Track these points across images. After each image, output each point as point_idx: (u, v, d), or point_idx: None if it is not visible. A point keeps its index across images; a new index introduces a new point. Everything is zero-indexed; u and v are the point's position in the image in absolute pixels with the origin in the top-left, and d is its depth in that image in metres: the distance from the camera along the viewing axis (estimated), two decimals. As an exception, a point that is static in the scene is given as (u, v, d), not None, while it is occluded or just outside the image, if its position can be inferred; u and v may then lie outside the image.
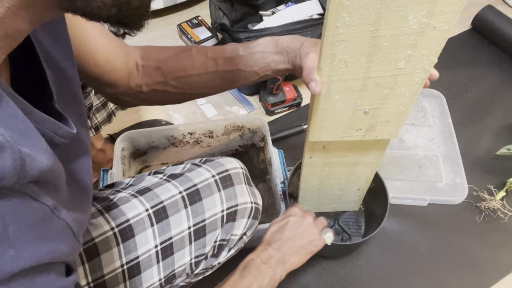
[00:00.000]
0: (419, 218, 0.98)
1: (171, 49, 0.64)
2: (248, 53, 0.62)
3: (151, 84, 0.64)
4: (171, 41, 1.35)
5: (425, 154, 1.07)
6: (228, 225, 0.62)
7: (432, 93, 1.19)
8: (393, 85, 0.53)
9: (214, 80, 0.64)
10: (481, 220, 0.97)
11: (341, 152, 0.70)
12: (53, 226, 0.32)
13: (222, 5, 1.22)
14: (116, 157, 0.88)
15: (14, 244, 0.28)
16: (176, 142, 0.98)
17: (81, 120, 0.45)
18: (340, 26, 0.45)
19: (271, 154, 0.90)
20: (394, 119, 0.60)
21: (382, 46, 0.48)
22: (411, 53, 0.49)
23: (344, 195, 0.85)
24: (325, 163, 0.74)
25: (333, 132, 0.62)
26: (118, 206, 0.58)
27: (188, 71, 0.63)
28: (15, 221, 0.28)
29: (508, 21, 1.27)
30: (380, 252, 0.93)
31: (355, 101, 0.56)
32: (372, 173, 0.78)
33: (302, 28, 1.11)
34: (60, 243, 0.32)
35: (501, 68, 1.27)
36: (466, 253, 0.93)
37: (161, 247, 0.58)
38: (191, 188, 0.61)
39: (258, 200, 0.66)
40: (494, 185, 1.01)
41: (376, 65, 0.50)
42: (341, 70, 0.51)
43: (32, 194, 0.29)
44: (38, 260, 0.29)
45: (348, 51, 0.48)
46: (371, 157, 0.72)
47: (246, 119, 0.95)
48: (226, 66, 0.63)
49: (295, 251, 0.66)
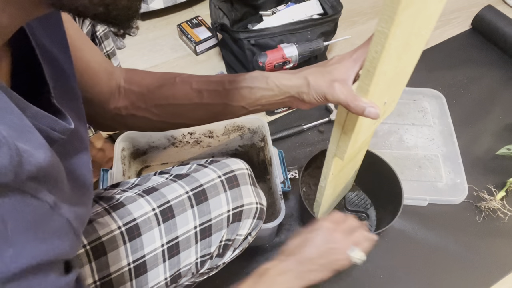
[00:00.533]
0: (419, 218, 0.98)
1: (155, 75, 0.62)
2: (234, 87, 0.59)
3: (131, 108, 0.61)
4: (171, 41, 1.35)
5: (425, 154, 1.07)
6: (233, 225, 0.62)
7: (432, 93, 1.19)
8: (405, 68, 0.54)
9: (198, 112, 0.62)
10: (481, 220, 0.97)
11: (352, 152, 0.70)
12: (53, 223, 0.32)
13: (222, 5, 1.22)
14: (116, 157, 0.88)
15: (14, 243, 0.27)
16: (176, 142, 0.98)
17: (79, 115, 0.45)
18: (392, 43, 0.43)
19: (271, 154, 0.90)
20: (397, 95, 0.60)
21: (411, 41, 0.47)
22: (424, 33, 0.50)
23: (346, 184, 0.86)
24: (339, 170, 0.74)
25: (361, 137, 0.61)
26: (125, 205, 0.58)
27: (170, 100, 0.60)
28: (14, 219, 0.27)
29: (508, 21, 1.27)
30: (380, 252, 0.93)
31: (381, 100, 0.55)
32: (365, 151, 0.80)
33: (302, 28, 1.11)
34: (60, 240, 0.32)
35: (501, 68, 1.27)
36: (466, 253, 0.93)
37: (168, 246, 0.59)
38: (198, 188, 0.61)
39: (263, 201, 0.67)
40: (494, 185, 1.01)
41: (402, 60, 0.50)
42: (381, 81, 0.49)
43: (31, 191, 0.29)
44: (38, 259, 0.29)
45: (390, 60, 0.47)
46: (367, 139, 0.72)
47: (246, 119, 0.95)
48: (211, 99, 0.60)
49: (316, 268, 0.61)
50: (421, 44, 0.53)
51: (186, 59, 1.31)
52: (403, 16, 0.40)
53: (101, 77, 0.58)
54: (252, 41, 1.10)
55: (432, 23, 0.51)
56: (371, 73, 0.46)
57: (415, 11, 0.42)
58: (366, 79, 0.47)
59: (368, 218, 0.95)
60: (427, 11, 0.45)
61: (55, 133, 0.33)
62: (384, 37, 0.41)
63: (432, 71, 1.26)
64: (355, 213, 0.95)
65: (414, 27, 0.45)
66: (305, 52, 1.06)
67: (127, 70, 0.63)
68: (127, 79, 0.61)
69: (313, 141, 1.10)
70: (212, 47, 1.32)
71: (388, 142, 1.09)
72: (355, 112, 0.51)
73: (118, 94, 0.61)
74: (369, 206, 0.96)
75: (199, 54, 1.31)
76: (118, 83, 0.61)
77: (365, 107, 0.49)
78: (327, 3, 1.20)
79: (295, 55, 1.06)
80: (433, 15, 0.49)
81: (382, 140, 1.09)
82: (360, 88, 0.49)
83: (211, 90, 0.60)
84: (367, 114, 0.50)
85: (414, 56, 0.54)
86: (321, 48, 1.09)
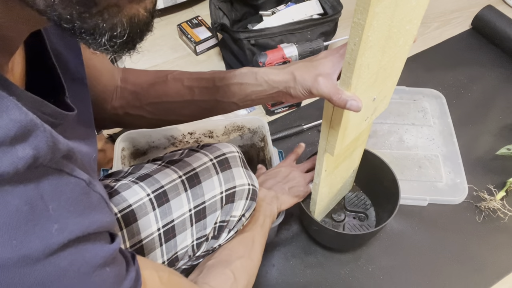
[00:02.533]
0: (419, 218, 0.98)
1: (149, 74, 0.64)
2: (225, 84, 0.60)
3: (126, 107, 0.64)
4: (171, 41, 1.35)
5: (425, 154, 1.07)
6: (227, 207, 0.63)
7: (432, 93, 1.19)
8: (393, 63, 0.54)
9: (190, 109, 0.64)
10: (481, 220, 0.97)
11: (345, 150, 0.70)
12: (90, 199, 0.33)
13: (222, 5, 1.22)
14: (116, 157, 0.88)
15: (57, 219, 0.29)
16: (176, 142, 0.98)
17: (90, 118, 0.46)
18: (370, 35, 0.44)
19: (271, 154, 0.91)
20: (389, 91, 0.61)
21: (393, 33, 0.48)
22: (408, 27, 0.50)
23: (344, 183, 0.86)
24: (334, 167, 0.74)
25: (351, 135, 0.61)
26: (120, 193, 0.59)
27: (163, 98, 0.62)
28: (54, 198, 0.29)
29: (508, 21, 1.27)
30: (380, 252, 0.93)
31: (368, 96, 0.55)
32: (363, 150, 0.80)
33: (302, 28, 1.11)
34: (100, 214, 0.34)
35: (501, 68, 1.27)
36: (466, 253, 0.93)
37: (164, 230, 0.59)
38: (190, 172, 0.62)
39: (255, 182, 0.67)
40: (494, 185, 1.01)
41: (386, 53, 0.50)
42: (364, 74, 0.50)
43: (68, 170, 0.31)
44: (83, 231, 0.31)
45: (371, 53, 0.47)
46: (363, 137, 0.72)
47: (246, 119, 0.95)
48: (202, 96, 0.62)
49: (285, 192, 0.79)
50: (408, 39, 0.53)
51: (186, 59, 1.31)
52: (378, 8, 0.41)
53: (104, 78, 0.60)
54: (252, 41, 1.10)
55: (417, 18, 0.51)
56: (351, 66, 0.46)
57: (392, 2, 0.43)
58: (347, 71, 0.48)
59: (367, 219, 0.95)
60: (407, 4, 0.46)
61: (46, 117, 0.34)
62: (361, 28, 0.42)
63: (432, 71, 1.26)
64: (354, 213, 0.95)
65: (393, 19, 0.45)
66: (305, 52, 1.06)
67: (123, 69, 0.64)
68: (123, 78, 0.63)
69: (313, 141, 1.10)
70: (212, 47, 1.32)
71: (388, 142, 1.09)
72: (338, 105, 0.51)
73: (115, 94, 0.63)
74: (369, 207, 0.96)
75: (199, 54, 1.31)
76: (116, 83, 0.63)
77: (347, 100, 0.50)
78: (327, 3, 1.20)
79: (295, 55, 1.06)
80: (417, 9, 0.49)
81: (382, 140, 1.09)
82: (343, 81, 0.50)
83: (202, 87, 0.61)
84: (349, 107, 0.50)
85: (402, 50, 0.54)
86: (321, 48, 1.09)
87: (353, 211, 0.95)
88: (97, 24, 0.28)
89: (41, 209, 0.28)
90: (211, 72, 0.62)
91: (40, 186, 0.28)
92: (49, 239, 0.28)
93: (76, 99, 0.43)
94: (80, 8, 0.27)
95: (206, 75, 0.62)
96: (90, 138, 0.45)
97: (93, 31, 0.28)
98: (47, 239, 0.28)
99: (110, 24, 0.28)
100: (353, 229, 0.93)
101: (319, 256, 0.92)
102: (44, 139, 0.28)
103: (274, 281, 0.89)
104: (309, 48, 1.07)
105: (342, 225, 0.94)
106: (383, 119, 1.13)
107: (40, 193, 0.28)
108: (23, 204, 0.27)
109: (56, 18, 0.27)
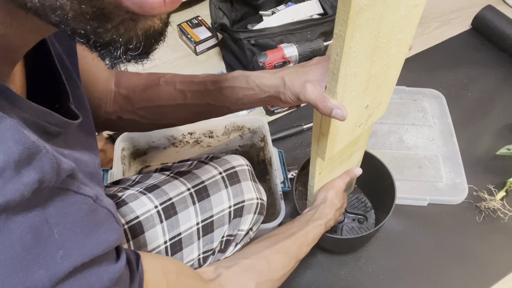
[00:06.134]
0: (419, 218, 0.98)
1: (141, 77, 0.63)
2: (217, 87, 0.60)
3: (119, 112, 0.63)
4: (171, 41, 1.35)
5: (425, 154, 1.07)
6: (235, 221, 0.63)
7: (432, 93, 1.19)
8: (386, 71, 0.54)
9: (183, 112, 0.63)
10: (481, 220, 0.97)
11: (341, 154, 0.70)
12: (98, 216, 0.32)
13: (222, 5, 1.22)
14: (116, 157, 0.88)
15: (62, 244, 0.28)
16: (176, 142, 0.98)
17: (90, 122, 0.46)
18: (353, 46, 0.44)
19: (271, 154, 0.91)
20: (384, 99, 0.60)
21: (381, 43, 0.48)
22: (400, 37, 0.50)
23: None
24: (329, 170, 0.74)
25: (343, 140, 0.61)
26: (127, 203, 0.59)
27: (156, 102, 0.61)
28: (60, 221, 0.28)
29: (508, 21, 1.27)
30: (380, 252, 0.93)
31: (360, 103, 0.55)
32: (362, 153, 0.79)
33: (302, 28, 1.11)
34: (108, 231, 0.33)
35: (501, 68, 1.27)
36: (466, 253, 0.93)
37: (170, 243, 0.59)
38: (199, 185, 0.62)
39: (263, 196, 0.67)
40: (494, 185, 1.01)
41: (376, 62, 0.50)
42: (352, 83, 0.50)
43: (74, 188, 0.30)
44: (89, 255, 0.30)
45: (357, 63, 0.47)
46: (362, 141, 0.72)
47: (246, 119, 0.95)
48: (194, 100, 0.61)
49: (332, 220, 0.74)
50: (402, 48, 0.52)
51: (186, 59, 1.31)
52: (360, 20, 0.40)
53: (100, 83, 0.59)
54: (252, 41, 1.10)
55: (410, 27, 0.50)
56: (336, 75, 0.46)
57: (377, 14, 0.42)
58: (332, 81, 0.48)
59: (367, 221, 0.94)
60: (395, 14, 0.45)
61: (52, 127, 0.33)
62: (342, 40, 0.42)
63: (432, 71, 1.26)
64: (354, 215, 0.95)
65: (380, 30, 0.45)
66: (305, 52, 1.06)
67: (116, 72, 0.63)
68: (116, 82, 0.62)
69: (313, 141, 1.10)
70: (212, 47, 1.32)
71: (388, 142, 1.09)
72: (323, 112, 0.51)
73: (109, 99, 0.62)
74: (369, 209, 0.96)
75: (199, 54, 1.31)
76: (111, 88, 0.62)
77: (333, 108, 0.49)
78: (327, 3, 1.20)
79: (295, 55, 1.06)
80: (409, 19, 0.48)
81: (382, 140, 1.09)
82: (329, 90, 0.49)
83: (194, 90, 0.60)
84: (334, 115, 0.50)
85: (396, 59, 0.53)
86: (321, 48, 1.09)
87: (353, 213, 0.95)
88: (113, 39, 0.27)
89: (46, 235, 0.27)
90: (203, 76, 0.62)
91: (45, 210, 0.27)
92: (54, 267, 0.27)
93: (78, 105, 0.42)
94: (94, 23, 0.26)
95: (198, 78, 0.61)
96: (92, 144, 0.45)
97: (108, 45, 0.27)
98: (52, 268, 0.27)
99: (126, 38, 0.28)
100: (351, 232, 0.93)
101: (319, 256, 0.92)
102: (49, 161, 0.27)
103: (274, 281, 0.89)
104: (309, 48, 1.07)
105: (341, 227, 0.93)
106: (383, 119, 1.13)
107: (45, 217, 0.27)
108: (27, 232, 0.26)
109: (70, 32, 0.26)
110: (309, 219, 0.69)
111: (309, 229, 0.66)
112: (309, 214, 0.71)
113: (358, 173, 0.78)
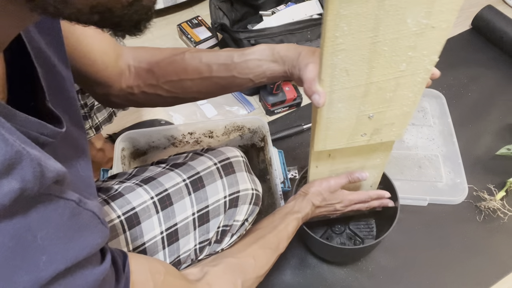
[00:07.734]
0: (419, 218, 0.98)
1: (164, 51, 0.64)
2: (243, 60, 0.61)
3: (143, 86, 0.63)
4: (171, 41, 1.35)
5: (425, 154, 1.07)
6: (230, 211, 0.63)
7: (432, 93, 1.19)
8: (395, 87, 0.53)
9: (207, 86, 0.64)
10: (481, 220, 0.97)
11: (346, 158, 0.70)
12: (82, 219, 0.32)
13: (222, 5, 1.22)
14: (116, 157, 0.88)
15: (46, 250, 0.28)
16: (176, 142, 0.98)
17: (74, 117, 0.45)
18: (339, 36, 0.44)
19: (271, 154, 0.91)
20: (398, 120, 0.59)
21: (382, 51, 0.47)
22: (412, 54, 0.49)
23: None
24: (331, 171, 0.73)
25: (338, 140, 0.61)
26: (124, 195, 0.59)
27: (181, 76, 0.62)
28: (43, 227, 0.28)
29: (508, 21, 1.27)
30: (380, 252, 0.93)
31: (358, 107, 0.55)
32: (379, 175, 0.77)
33: (302, 28, 1.11)
34: (91, 235, 0.33)
35: (501, 68, 1.27)
36: (466, 253, 0.93)
37: (167, 233, 0.59)
38: (194, 176, 0.62)
39: (258, 187, 0.68)
40: (494, 185, 1.01)
41: (377, 70, 0.50)
42: (343, 79, 0.50)
43: (56, 192, 0.30)
44: (72, 260, 0.30)
45: (349, 59, 0.47)
46: (377, 160, 0.71)
47: (246, 119, 0.95)
48: (220, 72, 0.62)
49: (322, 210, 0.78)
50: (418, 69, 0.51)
51: (186, 59, 1.31)
52: (345, 10, 0.42)
53: (110, 59, 0.59)
54: (252, 41, 1.10)
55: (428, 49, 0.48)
56: (321, 61, 0.48)
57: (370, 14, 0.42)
58: (319, 66, 0.50)
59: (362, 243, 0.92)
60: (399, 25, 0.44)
61: (44, 137, 0.32)
62: (325, 25, 0.44)
63: (432, 71, 1.26)
64: (355, 235, 0.93)
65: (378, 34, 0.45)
66: (305, 52, 1.06)
67: (135, 48, 0.64)
68: (136, 57, 0.63)
69: (313, 141, 1.10)
70: (212, 47, 1.32)
71: (388, 142, 1.09)
72: (306, 93, 0.54)
73: (128, 73, 0.63)
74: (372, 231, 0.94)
75: (199, 54, 1.31)
76: (128, 62, 0.62)
77: (314, 92, 0.52)
78: (327, 3, 1.20)
79: (295, 55, 1.06)
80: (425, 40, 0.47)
81: (382, 140, 1.09)
82: (318, 75, 0.51)
83: (220, 63, 0.62)
84: (312, 98, 0.52)
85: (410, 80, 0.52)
86: (321, 48, 1.09)
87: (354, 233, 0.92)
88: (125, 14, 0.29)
89: (29, 241, 0.27)
90: (228, 49, 0.63)
91: (28, 216, 0.27)
92: (37, 273, 0.27)
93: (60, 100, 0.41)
94: None
95: (223, 51, 0.63)
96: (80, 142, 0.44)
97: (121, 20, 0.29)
98: (35, 274, 0.27)
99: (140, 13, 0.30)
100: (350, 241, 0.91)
101: (319, 256, 0.92)
102: (31, 170, 0.26)
103: (274, 281, 0.89)
104: (309, 48, 1.07)
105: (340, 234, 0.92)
106: (383, 119, 1.13)
107: (28, 224, 0.27)
108: (9, 239, 0.26)
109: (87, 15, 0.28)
110: (288, 212, 0.72)
111: (289, 221, 0.70)
112: (288, 206, 0.74)
113: (362, 177, 0.74)
